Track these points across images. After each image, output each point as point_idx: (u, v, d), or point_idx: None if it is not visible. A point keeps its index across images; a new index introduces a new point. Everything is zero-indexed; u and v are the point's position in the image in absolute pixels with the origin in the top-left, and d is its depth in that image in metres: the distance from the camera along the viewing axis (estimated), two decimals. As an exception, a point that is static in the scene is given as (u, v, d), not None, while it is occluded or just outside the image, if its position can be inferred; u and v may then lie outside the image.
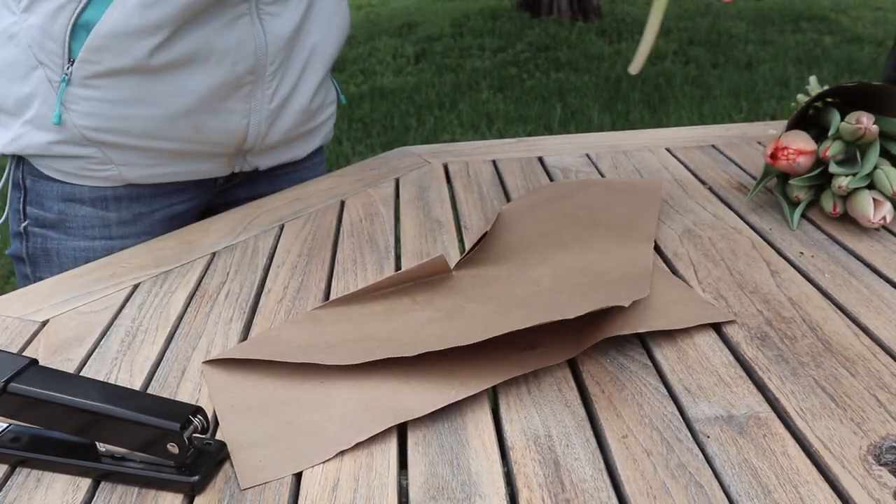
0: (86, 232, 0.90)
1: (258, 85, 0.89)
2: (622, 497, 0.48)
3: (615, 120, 3.72)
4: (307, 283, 0.75)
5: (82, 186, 0.88)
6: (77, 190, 0.88)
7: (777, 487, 0.48)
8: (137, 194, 0.91)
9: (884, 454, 0.50)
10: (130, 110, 0.84)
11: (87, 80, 0.82)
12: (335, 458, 0.52)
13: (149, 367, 0.63)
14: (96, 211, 0.89)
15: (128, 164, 0.88)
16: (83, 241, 0.90)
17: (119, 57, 0.80)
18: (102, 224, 0.90)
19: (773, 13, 5.90)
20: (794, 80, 4.21)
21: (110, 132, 0.85)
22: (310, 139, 1.02)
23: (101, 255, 0.88)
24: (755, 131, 1.12)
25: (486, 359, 0.60)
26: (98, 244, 0.90)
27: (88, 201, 0.89)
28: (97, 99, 0.83)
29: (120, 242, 0.91)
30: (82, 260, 0.89)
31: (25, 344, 0.67)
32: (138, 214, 0.92)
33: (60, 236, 0.90)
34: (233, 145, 0.93)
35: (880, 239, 0.79)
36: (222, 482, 0.50)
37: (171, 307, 0.72)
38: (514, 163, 1.04)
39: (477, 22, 5.85)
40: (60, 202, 0.89)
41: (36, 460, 0.52)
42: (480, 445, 0.52)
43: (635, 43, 4.37)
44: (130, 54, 0.80)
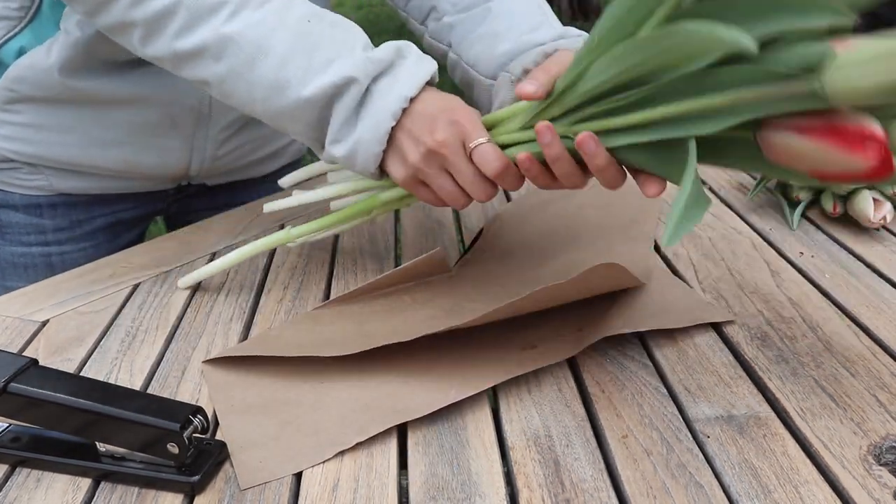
0: (21, 238, 0.87)
1: (201, 124, 0.84)
2: (622, 497, 0.48)
3: (615, 120, 3.71)
4: (307, 283, 0.75)
5: (14, 194, 0.85)
6: (9, 197, 0.85)
7: (777, 487, 0.48)
8: (74, 202, 0.87)
9: (884, 454, 0.50)
10: (53, 136, 0.80)
11: (8, 105, 0.79)
12: (335, 458, 0.52)
13: (149, 367, 0.63)
14: (30, 218, 0.86)
15: (59, 177, 0.84)
16: (19, 246, 0.87)
17: (35, 86, 0.77)
18: (37, 231, 0.87)
19: (773, 13, 5.89)
20: (794, 80, 4.21)
21: (35, 156, 0.82)
22: (269, 162, 0.96)
23: (39, 260, 0.87)
24: (755, 131, 1.12)
25: (485, 358, 0.60)
26: (34, 250, 0.87)
27: (21, 208, 0.85)
28: (20, 124, 0.80)
29: (57, 248, 0.88)
30: (20, 265, 0.87)
31: (25, 344, 0.67)
32: (76, 222, 0.88)
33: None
34: (170, 177, 0.89)
35: (880, 239, 0.79)
36: (222, 482, 0.50)
37: (171, 307, 0.72)
38: (514, 163, 1.04)
39: (477, 22, 5.85)
40: None
41: (36, 460, 0.52)
42: (480, 445, 0.52)
43: (635, 43, 4.33)
44: (46, 84, 0.76)
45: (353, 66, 0.59)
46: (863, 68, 0.40)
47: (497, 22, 0.71)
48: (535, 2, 0.72)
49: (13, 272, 0.88)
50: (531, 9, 0.71)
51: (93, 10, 0.64)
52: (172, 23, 0.61)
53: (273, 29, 0.61)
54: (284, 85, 0.61)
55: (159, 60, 0.65)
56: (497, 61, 0.69)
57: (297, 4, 0.63)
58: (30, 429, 0.54)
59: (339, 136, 0.61)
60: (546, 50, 0.65)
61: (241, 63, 0.61)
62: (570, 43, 0.65)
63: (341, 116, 0.60)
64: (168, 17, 0.61)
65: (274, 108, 0.62)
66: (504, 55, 0.69)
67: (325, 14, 0.63)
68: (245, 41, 0.61)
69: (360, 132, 0.60)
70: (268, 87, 0.61)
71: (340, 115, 0.60)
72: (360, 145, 0.61)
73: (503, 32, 0.70)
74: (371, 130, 0.60)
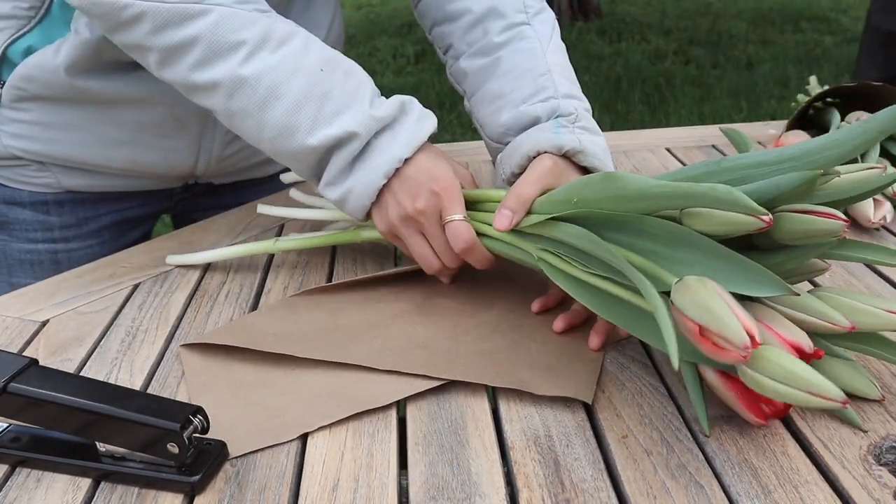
0: (28, 235, 0.88)
1: (208, 124, 0.84)
2: (622, 497, 0.48)
3: (615, 120, 3.72)
4: (307, 283, 0.75)
5: (22, 191, 0.86)
6: (17, 194, 0.86)
7: (777, 487, 0.48)
8: (81, 199, 0.88)
9: (884, 454, 0.50)
10: (60, 134, 0.81)
11: (16, 103, 0.80)
12: (335, 458, 0.52)
13: (149, 367, 0.63)
14: (37, 215, 0.87)
15: (67, 175, 0.85)
16: (26, 243, 0.88)
17: (43, 86, 0.78)
18: (44, 228, 0.88)
19: (773, 13, 5.90)
20: (794, 80, 4.22)
21: (42, 154, 0.83)
22: (275, 162, 0.95)
23: (46, 256, 0.88)
24: (755, 131, 1.12)
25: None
26: (41, 247, 0.88)
27: (29, 205, 0.87)
28: (27, 121, 0.81)
29: (64, 245, 0.89)
30: (27, 262, 0.88)
31: (25, 344, 0.67)
32: (83, 219, 0.89)
33: (5, 238, 0.88)
34: (176, 177, 0.90)
35: (880, 239, 0.79)
36: (222, 482, 0.50)
37: (171, 307, 0.72)
38: (514, 163, 1.04)
39: (477, 22, 5.85)
40: (2, 205, 0.87)
41: (36, 460, 0.52)
42: (480, 445, 0.52)
43: (635, 43, 4.38)
44: (53, 83, 0.77)
45: (357, 122, 0.62)
46: (769, 368, 0.46)
47: (503, 81, 0.73)
48: (538, 57, 0.74)
49: (20, 269, 0.89)
50: (535, 66, 0.73)
51: (113, 29, 0.65)
52: (190, 56, 0.63)
53: (289, 74, 0.63)
54: (293, 130, 0.63)
55: (173, 83, 0.67)
56: (499, 130, 0.73)
57: (313, 49, 0.65)
58: (30, 429, 0.54)
59: (334, 181, 0.65)
60: (529, 153, 0.67)
61: (254, 104, 0.63)
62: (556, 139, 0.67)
63: (339, 165, 0.64)
64: (186, 49, 0.63)
65: (279, 147, 0.65)
66: (504, 125, 0.72)
67: (339, 61, 0.65)
68: (260, 84, 0.63)
69: (352, 182, 0.64)
70: (277, 129, 0.64)
71: (338, 164, 0.64)
72: (351, 194, 0.65)
73: (507, 95, 0.73)
74: (363, 184, 0.64)
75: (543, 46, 0.75)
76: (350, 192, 0.65)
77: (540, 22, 0.77)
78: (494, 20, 0.76)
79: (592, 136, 0.69)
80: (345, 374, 0.60)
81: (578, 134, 0.68)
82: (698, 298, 0.47)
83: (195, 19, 0.62)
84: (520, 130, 0.71)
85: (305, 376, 0.60)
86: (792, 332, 0.50)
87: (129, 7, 0.62)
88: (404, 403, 0.57)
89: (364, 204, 0.65)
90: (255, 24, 0.63)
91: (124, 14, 0.63)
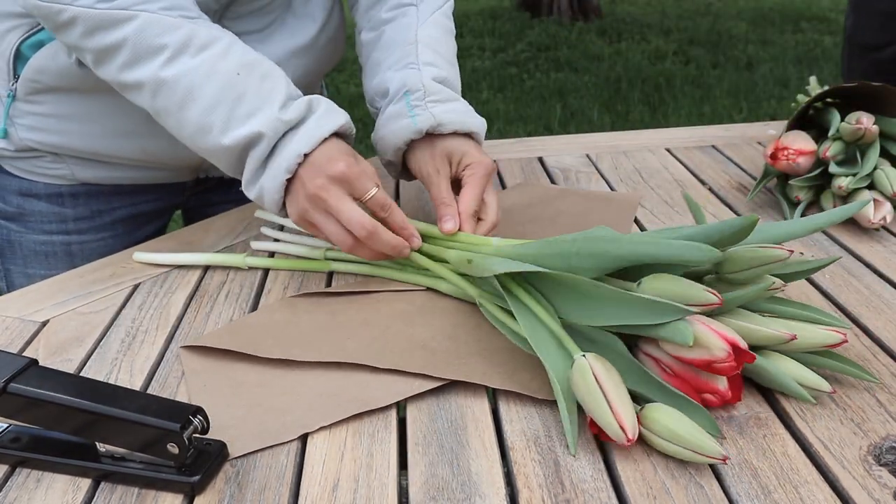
0: (43, 226, 0.90)
1: None
2: (622, 497, 0.48)
3: (615, 120, 3.72)
4: (307, 283, 0.75)
5: (38, 182, 0.88)
6: (33, 186, 0.88)
7: (777, 487, 0.48)
8: (95, 192, 0.90)
9: (884, 454, 0.50)
10: (74, 126, 0.84)
11: (31, 95, 0.82)
12: (335, 458, 0.52)
13: (149, 367, 0.63)
14: (52, 206, 0.89)
15: (81, 166, 0.87)
16: (41, 234, 0.90)
17: (56, 76, 0.80)
18: (59, 219, 0.90)
19: (773, 13, 5.90)
20: (794, 80, 4.22)
21: (56, 146, 0.85)
22: None
23: (60, 248, 0.90)
24: (755, 131, 1.12)
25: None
26: (56, 238, 0.90)
27: (44, 197, 0.89)
28: (42, 114, 0.83)
29: (77, 237, 0.91)
30: (42, 253, 0.90)
31: (25, 344, 0.67)
32: (97, 212, 0.91)
33: (20, 229, 0.90)
34: (187, 168, 0.91)
35: (880, 239, 0.79)
36: (222, 482, 0.50)
37: (171, 307, 0.72)
38: (514, 163, 1.04)
39: (477, 22, 5.85)
40: (19, 196, 0.89)
41: (36, 460, 0.52)
42: (480, 445, 0.52)
43: (635, 43, 4.38)
44: (65, 73, 0.79)
45: (264, 124, 0.66)
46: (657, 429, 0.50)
47: (379, 52, 0.82)
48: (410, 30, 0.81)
49: (34, 259, 0.90)
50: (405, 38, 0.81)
51: (54, 30, 0.71)
52: (118, 57, 0.68)
53: (205, 77, 0.67)
54: (208, 129, 0.68)
55: (108, 82, 0.71)
56: (369, 94, 0.82)
57: (233, 54, 0.69)
58: (30, 429, 0.54)
59: (251, 180, 0.70)
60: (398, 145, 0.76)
61: (173, 104, 0.68)
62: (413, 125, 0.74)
63: (253, 165, 0.68)
64: (115, 51, 0.68)
65: (198, 145, 0.70)
66: (372, 90, 0.82)
67: (258, 65, 0.69)
68: (178, 86, 0.67)
69: (263, 180, 0.69)
70: (194, 128, 0.68)
71: (252, 164, 0.68)
72: (264, 191, 0.69)
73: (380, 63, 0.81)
74: (271, 181, 0.68)
75: (420, 22, 0.82)
76: (262, 190, 0.69)
77: (427, 4, 0.84)
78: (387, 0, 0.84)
79: (446, 105, 0.76)
80: (345, 376, 0.60)
81: (431, 108, 0.75)
82: (580, 392, 0.51)
83: (122, 24, 0.67)
84: (381, 96, 0.79)
85: (306, 377, 0.60)
86: (727, 330, 0.52)
87: (64, 12, 0.67)
88: (404, 404, 0.57)
89: (275, 199, 0.68)
90: (179, 30, 0.67)
91: (60, 18, 0.68)
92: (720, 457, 0.48)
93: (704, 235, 0.55)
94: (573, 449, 0.51)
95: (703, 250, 0.53)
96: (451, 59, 0.82)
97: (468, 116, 0.76)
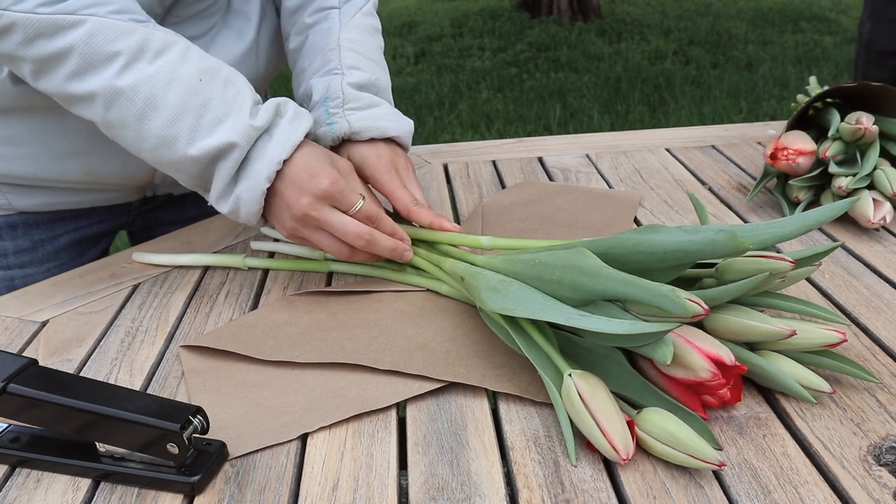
0: None
1: None
2: (622, 497, 0.48)
3: (615, 120, 3.72)
4: (307, 283, 0.75)
5: None
6: None
7: (777, 487, 0.48)
8: (34, 220, 0.84)
9: (884, 454, 0.50)
10: (11, 150, 0.77)
11: None
12: (335, 458, 0.52)
13: (149, 367, 0.63)
14: None
15: (18, 195, 0.81)
16: None
17: None
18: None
19: (773, 13, 5.90)
20: (794, 80, 4.22)
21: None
22: None
23: (2, 284, 0.85)
24: (755, 131, 1.12)
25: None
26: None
27: None
28: None
29: (20, 272, 0.85)
30: None
31: (25, 344, 0.67)
32: (38, 242, 0.85)
33: None
34: (135, 187, 0.86)
35: (880, 239, 0.79)
36: (222, 482, 0.50)
37: (171, 307, 0.72)
38: (514, 163, 1.04)
39: (477, 22, 5.85)
40: None
41: (36, 460, 0.52)
42: (480, 445, 0.52)
43: (635, 43, 4.38)
44: (2, 95, 0.73)
45: (236, 132, 0.63)
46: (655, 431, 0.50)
47: (304, 58, 0.81)
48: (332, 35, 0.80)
49: None
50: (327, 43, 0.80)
51: None
52: (64, 67, 0.62)
53: (166, 84, 0.63)
54: (173, 141, 0.63)
55: (49, 94, 0.66)
56: (298, 101, 0.80)
57: (191, 59, 0.65)
58: (30, 429, 0.54)
59: (222, 193, 0.66)
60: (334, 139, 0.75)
61: (132, 115, 0.63)
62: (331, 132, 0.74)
63: (224, 178, 0.65)
64: (60, 60, 0.62)
65: (160, 158, 0.65)
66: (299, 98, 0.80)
67: (218, 70, 0.66)
68: (137, 95, 0.62)
69: (239, 191, 0.65)
70: (156, 140, 0.64)
71: (223, 176, 0.65)
72: (241, 202, 0.66)
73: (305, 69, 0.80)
74: (249, 191, 0.65)
75: (342, 25, 0.80)
76: (239, 201, 0.66)
77: (349, 5, 0.82)
78: (310, 4, 0.82)
79: (363, 112, 0.75)
80: (345, 376, 0.60)
81: (348, 116, 0.74)
82: (571, 413, 0.51)
83: (68, 30, 0.61)
84: (308, 101, 0.78)
85: (305, 377, 0.60)
86: (713, 346, 0.52)
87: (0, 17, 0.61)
88: (404, 404, 0.57)
89: (254, 210, 0.66)
90: (132, 35, 0.63)
91: None
92: (717, 462, 0.48)
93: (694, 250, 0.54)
94: (573, 459, 0.51)
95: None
96: (375, 58, 0.81)
97: (386, 121, 0.76)
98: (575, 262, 0.56)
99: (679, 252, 0.54)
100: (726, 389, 0.53)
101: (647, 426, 0.50)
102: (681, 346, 0.51)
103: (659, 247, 0.55)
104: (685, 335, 0.52)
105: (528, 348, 0.56)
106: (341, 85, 0.76)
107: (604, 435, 0.49)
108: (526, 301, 0.57)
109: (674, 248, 0.54)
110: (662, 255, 0.55)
